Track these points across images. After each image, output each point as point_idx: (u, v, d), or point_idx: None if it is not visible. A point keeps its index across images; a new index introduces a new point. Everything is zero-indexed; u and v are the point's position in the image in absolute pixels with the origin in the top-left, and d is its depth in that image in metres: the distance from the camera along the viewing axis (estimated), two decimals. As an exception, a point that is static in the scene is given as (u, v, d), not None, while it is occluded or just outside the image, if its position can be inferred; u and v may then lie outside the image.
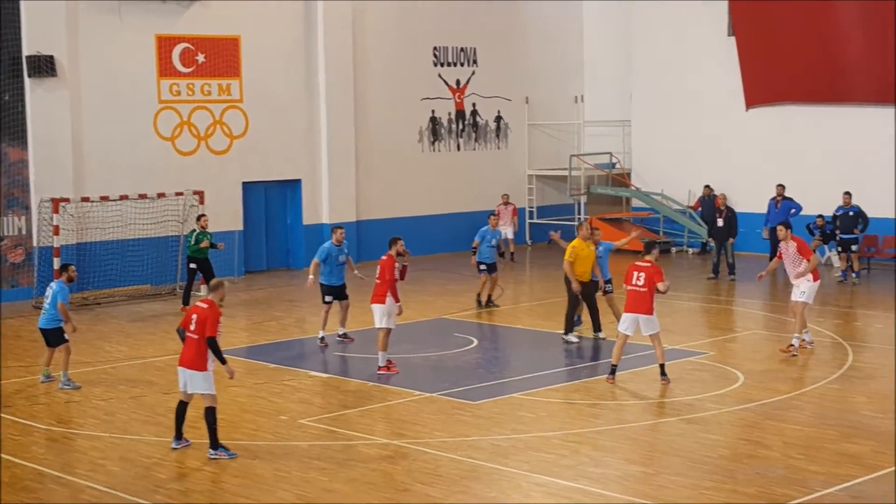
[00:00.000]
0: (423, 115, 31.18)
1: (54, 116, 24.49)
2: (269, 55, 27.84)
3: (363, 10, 29.44)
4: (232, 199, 27.40)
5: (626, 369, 16.77)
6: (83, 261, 24.25)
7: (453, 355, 18.66)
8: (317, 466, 12.75)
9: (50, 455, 13.48)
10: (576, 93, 34.03)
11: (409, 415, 14.94)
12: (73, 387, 16.49)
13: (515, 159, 33.10)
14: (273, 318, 22.38)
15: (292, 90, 28.37)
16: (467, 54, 31.91)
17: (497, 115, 32.75)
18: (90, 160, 25.17)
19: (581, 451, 13.15)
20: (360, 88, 29.44)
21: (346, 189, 29.26)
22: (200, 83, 26.90)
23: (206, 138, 27.10)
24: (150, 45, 26.07)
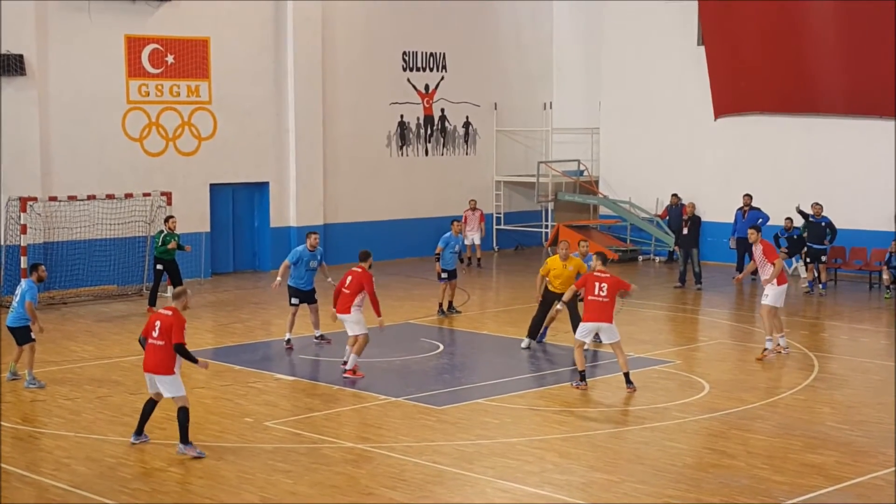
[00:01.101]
0: (391, 119, 31.27)
1: (23, 115, 24.41)
2: (239, 57, 27.86)
3: (333, 14, 29.51)
4: (199, 200, 27.39)
5: (591, 377, 16.91)
6: (50, 260, 24.16)
7: (419, 360, 18.75)
8: (281, 469, 12.81)
9: (15, 453, 13.46)
10: (544, 100, 34.24)
11: (374, 419, 15.03)
12: (38, 385, 16.49)
13: (483, 165, 33.24)
14: (239, 320, 22.40)
15: (261, 92, 28.40)
16: (436, 59, 32.02)
17: (465, 121, 32.88)
18: (58, 159, 25.11)
19: (546, 457, 13.26)
20: (328, 92, 29.50)
21: (314, 192, 29.30)
22: (169, 84, 26.88)
23: (174, 139, 27.08)
24: (120, 45, 26.03)
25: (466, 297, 24.57)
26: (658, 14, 31.16)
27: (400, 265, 29.66)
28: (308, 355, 19.02)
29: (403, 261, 30.36)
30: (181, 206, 25.98)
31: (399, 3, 30.93)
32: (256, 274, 28.35)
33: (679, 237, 27.11)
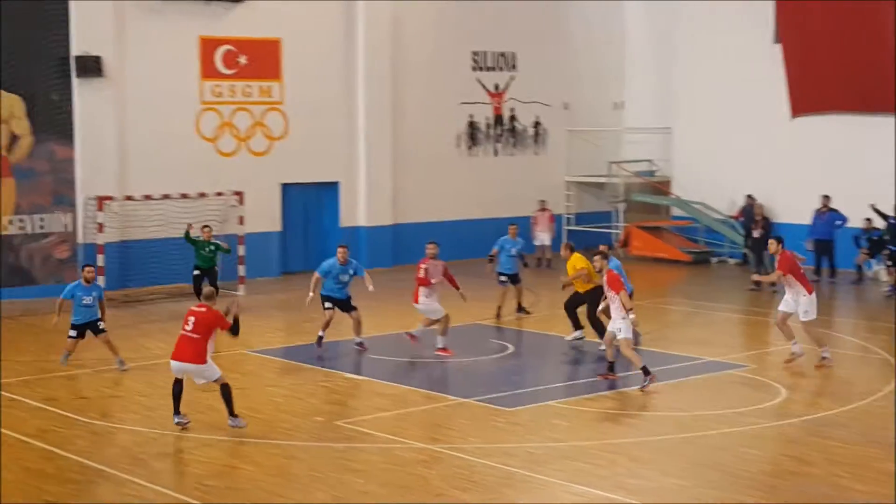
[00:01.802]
0: (461, 119, 31.27)
1: (100, 116, 24.81)
2: (310, 58, 28.03)
3: (403, 14, 29.59)
4: (271, 200, 27.61)
5: (663, 380, 16.78)
6: (126, 258, 24.54)
7: (489, 361, 18.74)
8: (352, 468, 12.87)
9: (93, 449, 13.70)
10: (616, 99, 34.01)
11: (444, 419, 15.04)
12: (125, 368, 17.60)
13: (553, 165, 33.09)
14: (309, 319, 22.46)
15: (332, 93, 28.56)
16: (507, 59, 31.97)
17: (535, 121, 32.78)
18: (134, 159, 25.46)
19: (617, 461, 13.15)
20: (398, 92, 29.58)
21: (383, 192, 29.40)
22: (242, 85, 27.14)
23: (246, 139, 27.33)
24: (194, 46, 26.34)
25: (536, 299, 24.50)
26: (733, 11, 30.77)
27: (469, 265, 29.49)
28: (378, 355, 19.08)
29: (472, 261, 30.27)
30: (253, 206, 26.22)
31: (469, 3, 30.92)
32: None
33: (750, 239, 26.79)
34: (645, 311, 22.81)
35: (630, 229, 31.48)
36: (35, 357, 18.75)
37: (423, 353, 19.10)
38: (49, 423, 14.67)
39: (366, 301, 24.28)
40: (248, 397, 16.16)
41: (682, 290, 26.56)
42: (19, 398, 15.95)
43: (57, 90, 24.42)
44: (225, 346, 19.32)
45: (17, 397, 15.99)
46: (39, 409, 15.36)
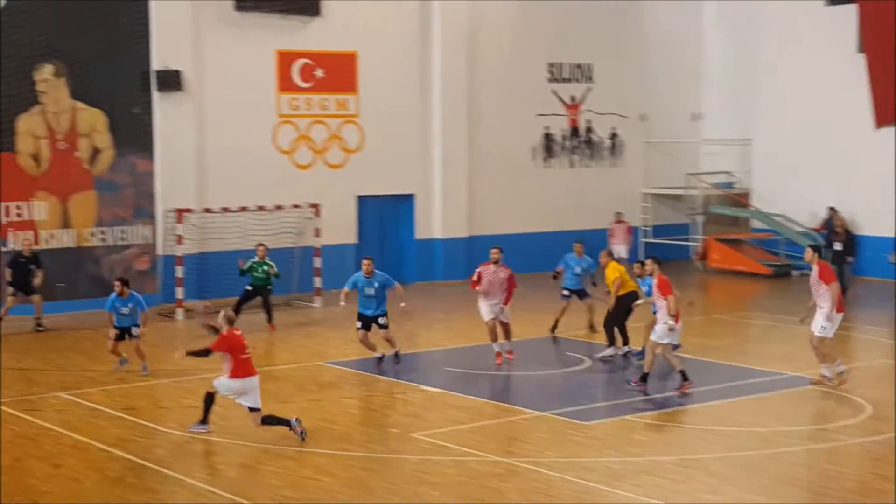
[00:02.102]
0: (536, 131, 31.19)
1: (180, 129, 25.14)
2: (386, 70, 28.15)
3: (479, 26, 29.60)
4: (346, 212, 27.75)
5: (743, 395, 16.53)
6: (204, 270, 24.79)
7: (565, 374, 18.62)
8: (428, 481, 12.83)
9: (171, 458, 13.83)
10: (694, 110, 33.70)
11: (520, 433, 14.95)
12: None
13: (630, 177, 32.86)
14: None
15: (407, 105, 28.64)
16: (583, 70, 31.83)
17: (612, 132, 32.59)
18: (213, 172, 25.74)
19: (696, 477, 12.95)
20: (474, 104, 29.59)
21: (458, 204, 29.41)
22: (319, 98, 27.33)
23: (322, 152, 27.51)
24: (272, 60, 26.58)
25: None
26: (815, 20, 30.35)
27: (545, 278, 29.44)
28: (454, 367, 19.04)
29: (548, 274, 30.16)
30: (329, 218, 26.36)
31: (545, 15, 30.85)
32: (402, 285, 28.46)
33: (831, 252, 26.35)
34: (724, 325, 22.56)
35: (708, 242, 31.14)
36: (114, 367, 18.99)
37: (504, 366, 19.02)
38: (129, 433, 14.85)
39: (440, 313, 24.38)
40: (324, 409, 16.24)
41: (762, 304, 26.19)
42: (100, 407, 16.17)
43: (138, 104, 24.79)
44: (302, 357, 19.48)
45: (99, 406, 16.21)
46: (120, 419, 15.55)
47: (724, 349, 19.72)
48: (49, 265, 23.58)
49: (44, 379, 18.09)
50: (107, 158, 24.62)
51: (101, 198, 24.55)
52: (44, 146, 23.91)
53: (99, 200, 24.53)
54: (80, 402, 16.51)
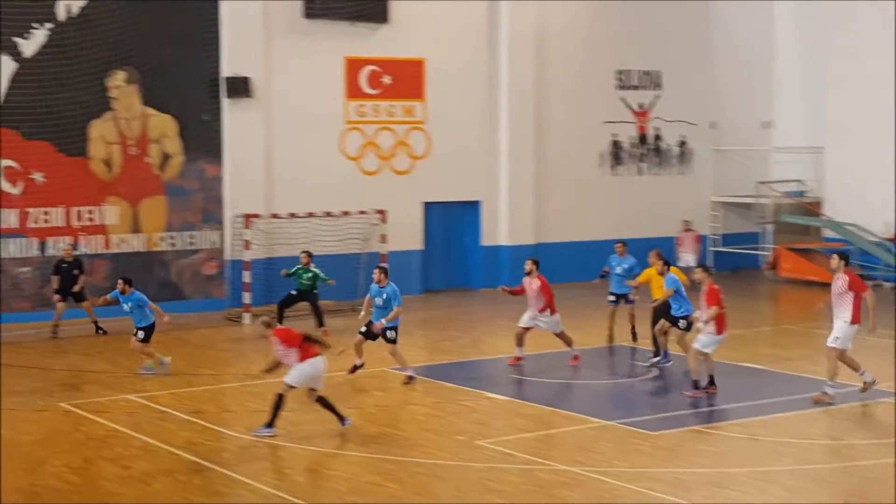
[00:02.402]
0: (604, 138, 31.03)
1: (248, 135, 25.33)
2: (453, 77, 28.16)
3: (547, 34, 29.51)
4: (413, 218, 27.77)
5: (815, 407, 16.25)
6: (271, 275, 24.91)
7: (632, 383, 18.46)
8: (494, 489, 12.76)
9: (239, 461, 13.88)
10: (765, 117, 33.31)
11: (586, 442, 14.82)
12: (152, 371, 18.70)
13: (699, 185, 32.56)
14: (450, 338, 22.54)
15: (474, 112, 28.62)
16: (651, 78, 31.62)
17: (681, 140, 32.32)
18: (280, 178, 25.90)
19: (768, 490, 12.73)
20: (541, 111, 29.50)
21: (525, 211, 29.32)
22: (386, 105, 27.40)
23: (389, 159, 27.57)
24: (340, 67, 26.70)
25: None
26: (888, 25, 29.81)
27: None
28: (520, 375, 18.97)
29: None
30: (395, 224, 26.41)
31: (614, 22, 30.71)
32: (468, 292, 28.53)
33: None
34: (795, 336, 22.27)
35: (779, 251, 30.76)
36: (182, 370, 19.16)
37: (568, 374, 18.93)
38: (196, 436, 14.95)
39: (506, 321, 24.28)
40: (391, 415, 16.25)
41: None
42: (169, 410, 16.31)
43: (207, 110, 25.03)
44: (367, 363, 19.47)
45: (167, 409, 16.36)
46: (187, 422, 15.66)
47: (796, 360, 19.44)
48: (119, 269, 23.90)
49: (113, 381, 18.29)
50: (176, 164, 24.88)
51: (170, 203, 24.80)
52: (115, 152, 24.22)
53: (168, 205, 24.79)
54: (149, 404, 16.67)
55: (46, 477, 13.08)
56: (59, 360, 19.90)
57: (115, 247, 24.22)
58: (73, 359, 19.59)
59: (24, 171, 23.23)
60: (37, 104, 23.25)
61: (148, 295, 24.22)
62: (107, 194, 24.20)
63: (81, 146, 23.83)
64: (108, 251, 24.10)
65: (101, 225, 24.12)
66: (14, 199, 23.20)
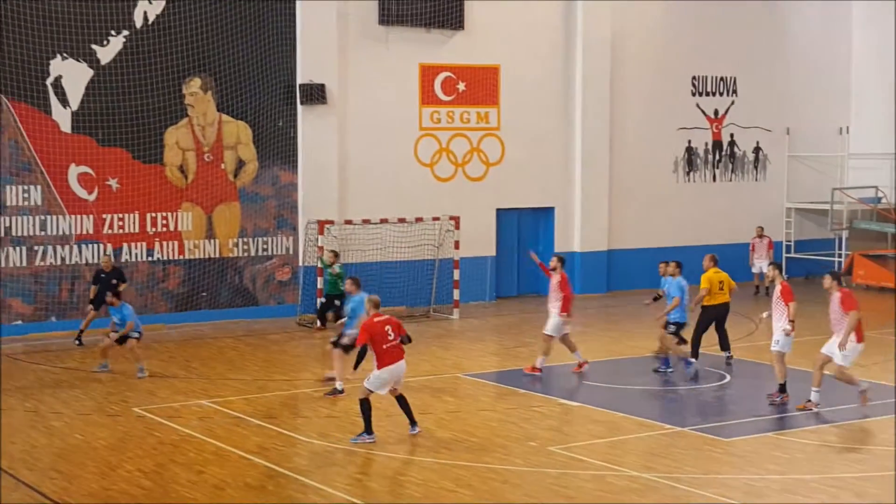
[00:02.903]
0: (679, 145, 30.84)
1: (323, 142, 25.52)
2: (528, 84, 28.14)
3: (623, 40, 29.40)
4: (486, 225, 27.80)
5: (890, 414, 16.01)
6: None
7: (705, 390, 18.32)
8: (566, 494, 12.75)
9: (311, 467, 13.98)
10: (840, 123, 32.87)
11: (658, 448, 14.74)
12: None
13: (774, 191, 32.24)
14: (523, 343, 22.52)
15: (549, 119, 28.59)
16: (727, 84, 31.36)
17: (755, 146, 32.02)
18: (354, 184, 26.07)
19: (841, 496, 12.61)
20: (616, 117, 29.39)
21: (599, 218, 29.22)
22: (460, 111, 27.47)
23: (462, 165, 27.63)
24: (414, 73, 26.82)
25: (754, 328, 23.84)
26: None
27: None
28: (593, 381, 18.90)
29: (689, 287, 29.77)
30: (468, 230, 26.44)
31: (689, 28, 30.52)
32: (540, 298, 28.34)
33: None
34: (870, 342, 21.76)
35: (854, 257, 30.34)
36: (256, 376, 19.37)
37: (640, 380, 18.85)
38: (269, 441, 15.08)
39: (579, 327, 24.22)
40: (463, 420, 16.27)
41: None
42: (241, 416, 16.47)
43: (282, 117, 25.28)
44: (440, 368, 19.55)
45: (240, 415, 16.52)
46: (260, 427, 15.81)
47: (871, 367, 19.15)
48: (193, 275, 24.26)
49: (187, 387, 18.52)
50: (251, 170, 25.16)
51: (244, 209, 25.08)
52: (190, 158, 24.55)
53: (242, 211, 25.06)
54: (222, 409, 16.84)
55: (119, 481, 13.25)
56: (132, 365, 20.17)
57: (189, 253, 24.54)
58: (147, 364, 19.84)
59: (99, 178, 23.62)
60: (113, 111, 23.64)
61: (221, 301, 24.70)
62: (181, 200, 24.53)
63: (157, 153, 24.18)
64: (182, 257, 24.41)
65: (175, 231, 24.46)
66: (89, 206, 23.59)
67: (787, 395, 16.92)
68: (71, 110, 23.32)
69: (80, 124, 23.42)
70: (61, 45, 23.12)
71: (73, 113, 23.34)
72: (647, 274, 28.42)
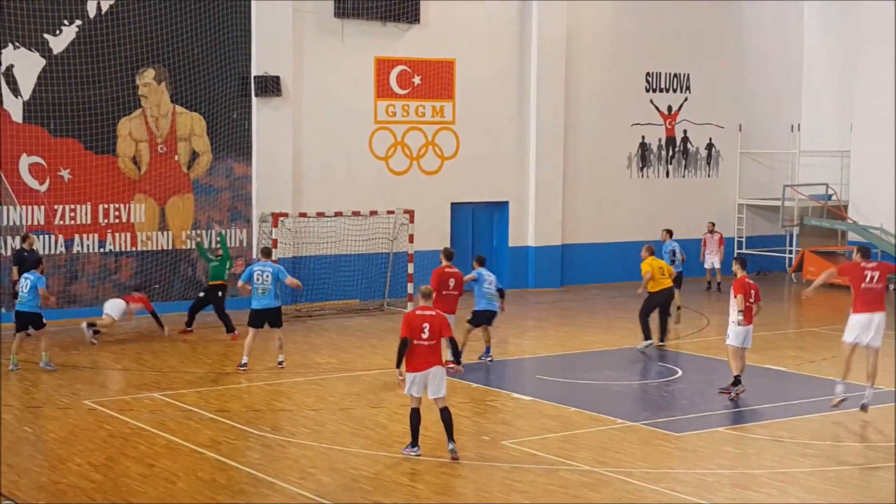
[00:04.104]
0: (632, 140, 31.01)
1: (277, 134, 25.41)
2: (483, 78, 28.18)
3: (578, 36, 29.50)
4: (440, 218, 27.81)
5: (843, 408, 16.24)
6: (298, 274, 24.97)
7: (657, 385, 18.46)
8: (518, 489, 12.81)
9: (264, 461, 13.95)
10: (792, 121, 33.20)
11: (610, 443, 14.84)
12: (52, 368, 18.65)
13: (726, 188, 32.52)
14: (475, 337, 22.53)
15: (504, 113, 28.65)
16: (680, 80, 31.57)
17: (708, 143, 32.26)
18: (308, 177, 25.99)
19: (790, 491, 12.77)
20: (570, 113, 29.50)
21: (553, 212, 29.32)
22: (415, 105, 27.46)
23: (417, 159, 27.63)
24: (370, 66, 26.77)
25: (706, 322, 24.05)
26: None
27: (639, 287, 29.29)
28: (546, 375, 18.99)
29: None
30: (423, 224, 26.45)
31: (643, 25, 30.68)
32: (494, 292, 28.47)
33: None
34: (820, 338, 22.21)
35: (804, 254, 30.67)
36: (209, 369, 19.29)
37: (593, 375, 18.96)
38: (221, 435, 15.03)
39: (532, 321, 24.36)
40: (416, 414, 16.27)
41: (860, 318, 25.64)
42: (194, 409, 16.40)
43: (237, 109, 25.15)
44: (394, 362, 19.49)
45: (192, 408, 16.45)
46: (213, 421, 15.75)
47: (820, 362, 19.40)
48: (146, 266, 24.09)
49: (139, 379, 18.41)
50: (204, 162, 25.01)
51: (198, 201, 24.93)
52: (143, 149, 24.37)
53: (196, 203, 24.92)
54: (174, 402, 16.77)
55: (69, 475, 13.17)
56: (84, 357, 20.02)
57: (141, 245, 24.36)
58: (99, 356, 19.70)
59: (51, 168, 23.39)
60: (65, 101, 23.40)
61: (174, 293, 24.54)
62: (134, 192, 24.35)
63: (110, 143, 23.97)
64: (134, 249, 24.23)
65: (128, 222, 24.27)
66: (40, 196, 23.36)
67: (742, 388, 17.08)
68: (22, 100, 23.08)
69: (32, 114, 23.17)
70: (13, 35, 22.86)
71: (24, 103, 23.10)
72: (600, 268, 28.62)
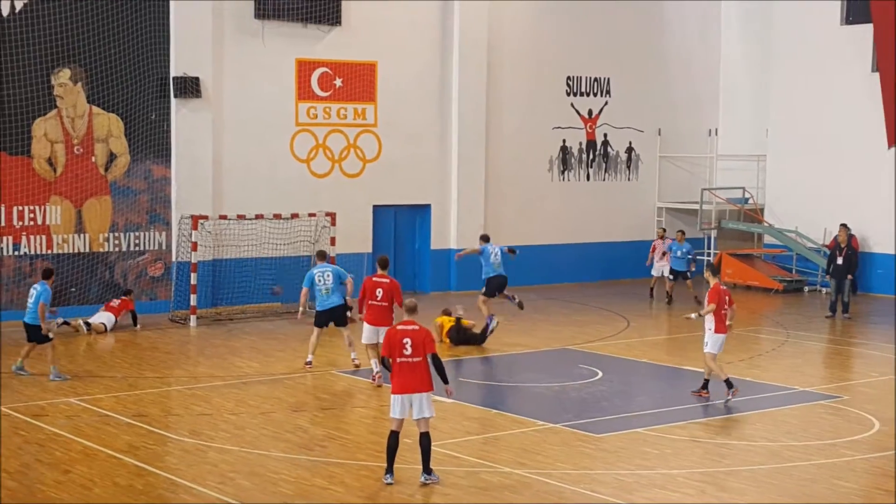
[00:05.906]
0: (553, 144, 31.21)
1: (197, 136, 25.18)
2: (405, 81, 28.19)
3: (499, 39, 29.64)
4: (362, 221, 27.76)
5: (754, 409, 16.51)
6: (218, 277, 24.83)
7: (577, 386, 18.58)
8: (440, 492, 12.82)
9: (182, 466, 13.79)
10: (710, 126, 33.65)
11: (531, 444, 14.91)
12: (63, 378, 18.19)
13: (645, 191, 32.86)
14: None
15: (425, 116, 28.68)
16: (601, 84, 31.84)
17: (628, 146, 32.58)
18: (229, 179, 25.79)
19: (707, 490, 12.94)
20: (492, 116, 29.63)
21: (475, 215, 29.40)
22: (337, 107, 27.37)
23: (339, 161, 27.54)
24: (291, 68, 26.64)
25: (626, 324, 24.28)
26: (831, 39, 30.38)
27: (559, 290, 29.52)
28: (467, 378, 19.03)
29: (563, 286, 30.22)
30: (345, 227, 26.38)
31: (565, 29, 30.90)
32: (416, 295, 28.48)
33: (832, 266, 26.20)
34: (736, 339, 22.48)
35: (722, 256, 31.10)
36: (126, 373, 19.04)
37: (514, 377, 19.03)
38: (139, 440, 14.84)
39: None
40: (337, 418, 16.25)
41: (774, 319, 26.12)
42: (111, 414, 16.18)
43: (155, 110, 24.87)
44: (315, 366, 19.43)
45: (109, 413, 16.22)
46: (130, 426, 15.55)
47: (736, 364, 19.67)
48: (62, 270, 23.71)
49: (54, 384, 18.09)
50: (122, 164, 24.70)
51: (115, 203, 24.61)
52: (59, 150, 23.99)
53: (114, 205, 24.59)
54: (91, 408, 16.52)
55: (-18, 482, 12.93)
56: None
57: (57, 247, 23.98)
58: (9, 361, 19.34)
59: (-34, 170, 22.95)
60: (-20, 102, 23.00)
61: (91, 296, 24.20)
62: (50, 193, 23.97)
63: (24, 144, 23.58)
64: (50, 251, 23.85)
65: (43, 225, 23.87)
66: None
67: (706, 391, 17.41)
68: (-66, 99, 22.65)
69: (-56, 114, 22.73)
70: (-76, 32, 22.41)
71: (-64, 102, 22.67)
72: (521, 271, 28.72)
